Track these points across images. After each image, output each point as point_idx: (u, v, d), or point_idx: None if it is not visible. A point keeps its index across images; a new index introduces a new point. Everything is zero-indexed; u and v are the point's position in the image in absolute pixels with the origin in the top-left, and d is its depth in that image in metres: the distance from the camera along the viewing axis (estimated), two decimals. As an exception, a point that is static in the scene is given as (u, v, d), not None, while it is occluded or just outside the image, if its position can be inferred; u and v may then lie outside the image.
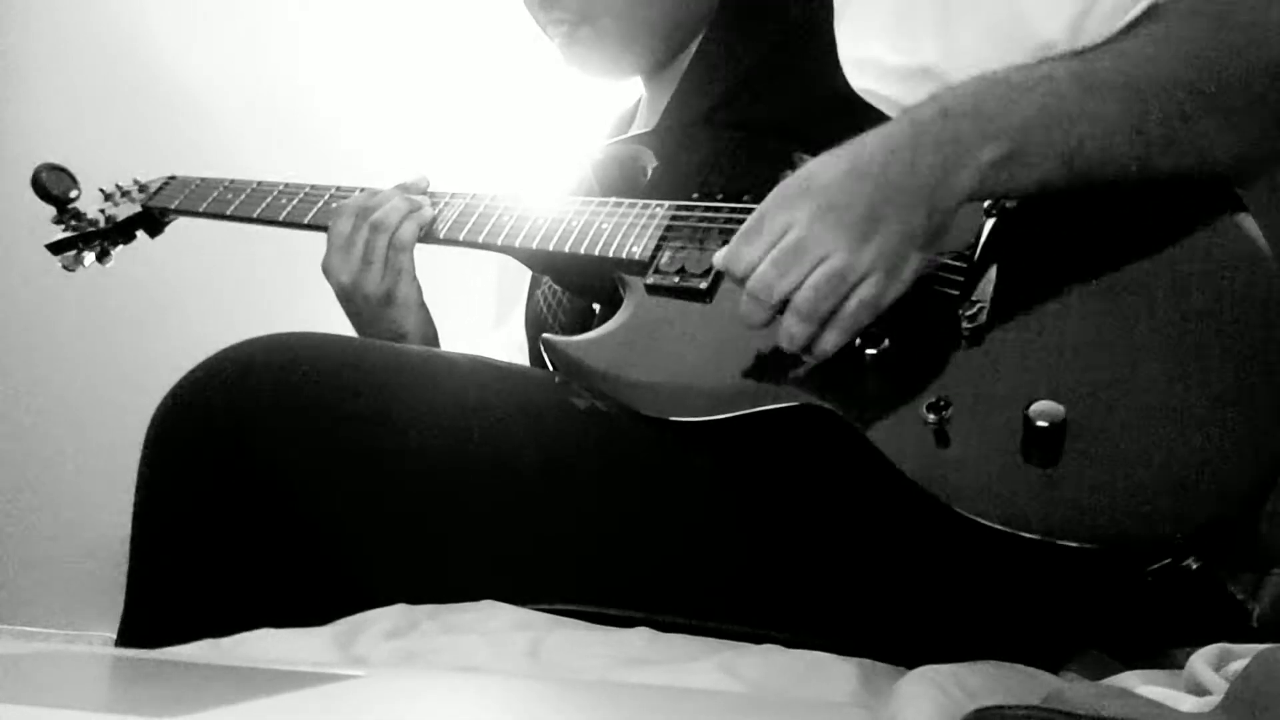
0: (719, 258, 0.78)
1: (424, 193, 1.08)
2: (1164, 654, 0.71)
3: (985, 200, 0.78)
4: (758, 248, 0.76)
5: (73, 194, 1.24)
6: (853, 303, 0.74)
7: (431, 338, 1.08)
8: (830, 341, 0.75)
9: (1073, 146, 0.75)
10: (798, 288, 0.74)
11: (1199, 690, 0.56)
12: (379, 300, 1.03)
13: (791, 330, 0.75)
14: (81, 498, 2.18)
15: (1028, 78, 0.77)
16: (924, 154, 0.74)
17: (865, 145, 0.76)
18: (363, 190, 1.08)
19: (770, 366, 0.79)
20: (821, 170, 0.76)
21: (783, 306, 0.75)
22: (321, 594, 0.76)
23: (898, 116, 0.78)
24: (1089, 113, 0.75)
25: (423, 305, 1.07)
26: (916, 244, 0.74)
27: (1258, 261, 0.75)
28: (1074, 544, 0.66)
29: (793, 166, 0.84)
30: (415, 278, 1.05)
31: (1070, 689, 0.54)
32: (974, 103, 0.76)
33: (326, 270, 1.06)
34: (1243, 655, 0.55)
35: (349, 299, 1.05)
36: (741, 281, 0.76)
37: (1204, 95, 0.77)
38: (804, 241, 0.74)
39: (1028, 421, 0.68)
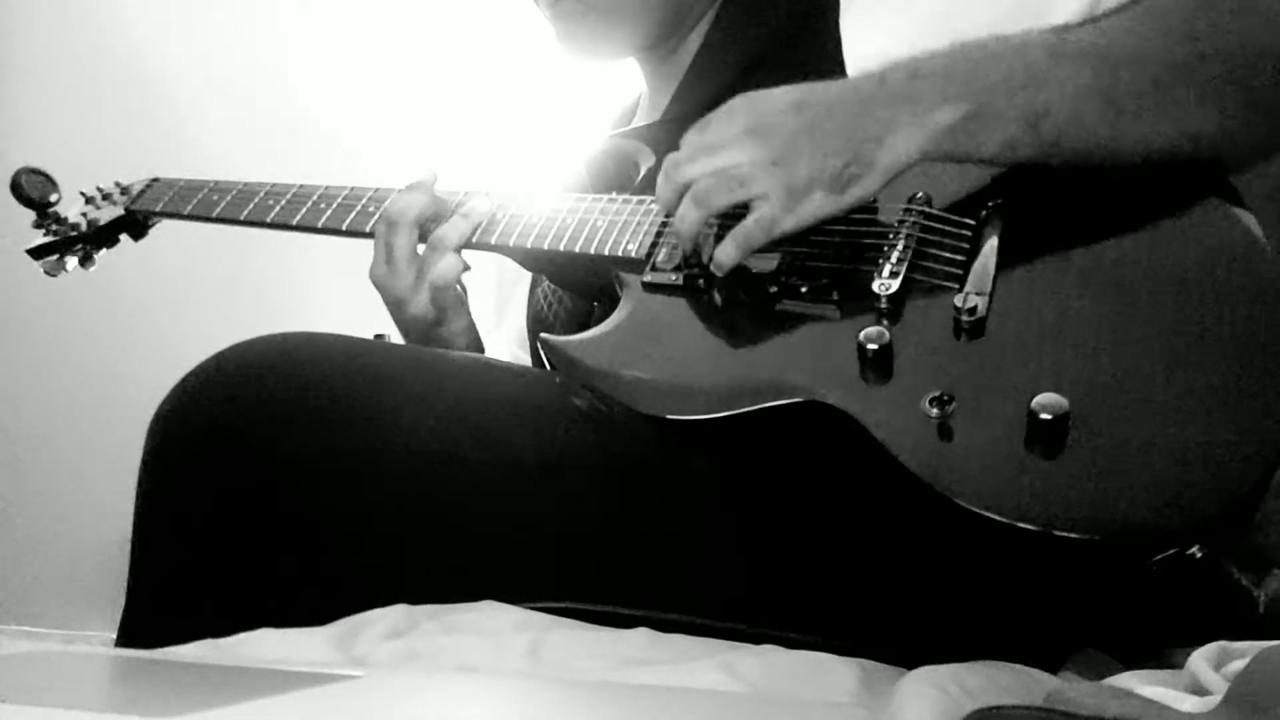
0: (670, 158, 0.84)
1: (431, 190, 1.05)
2: (1164, 654, 0.71)
3: (940, 160, 0.79)
4: (691, 141, 0.83)
5: (53, 198, 1.22)
6: (749, 220, 0.79)
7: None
8: (724, 251, 0.81)
9: (1038, 110, 0.76)
10: (699, 178, 0.80)
11: (1199, 690, 0.56)
12: (431, 320, 1.01)
13: (682, 211, 0.82)
14: (81, 498, 2.18)
15: (1004, 46, 0.79)
16: (875, 107, 0.77)
17: (826, 87, 0.81)
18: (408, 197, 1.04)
19: (771, 363, 0.79)
20: (771, 95, 0.81)
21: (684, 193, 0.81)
22: (321, 594, 0.76)
23: (870, 72, 0.80)
24: (1056, 78, 0.76)
25: (472, 329, 1.05)
26: (823, 184, 0.78)
27: (1256, 252, 0.76)
28: (1078, 536, 0.66)
29: None
30: (462, 296, 1.03)
31: (1070, 689, 0.54)
32: (945, 66, 0.78)
33: (376, 280, 1.03)
34: (1243, 655, 0.55)
35: (399, 311, 1.03)
36: (672, 175, 0.83)
37: (1181, 66, 0.77)
38: (723, 145, 0.80)
39: (1031, 414, 0.68)
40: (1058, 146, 0.77)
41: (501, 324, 1.28)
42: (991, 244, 0.79)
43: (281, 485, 0.78)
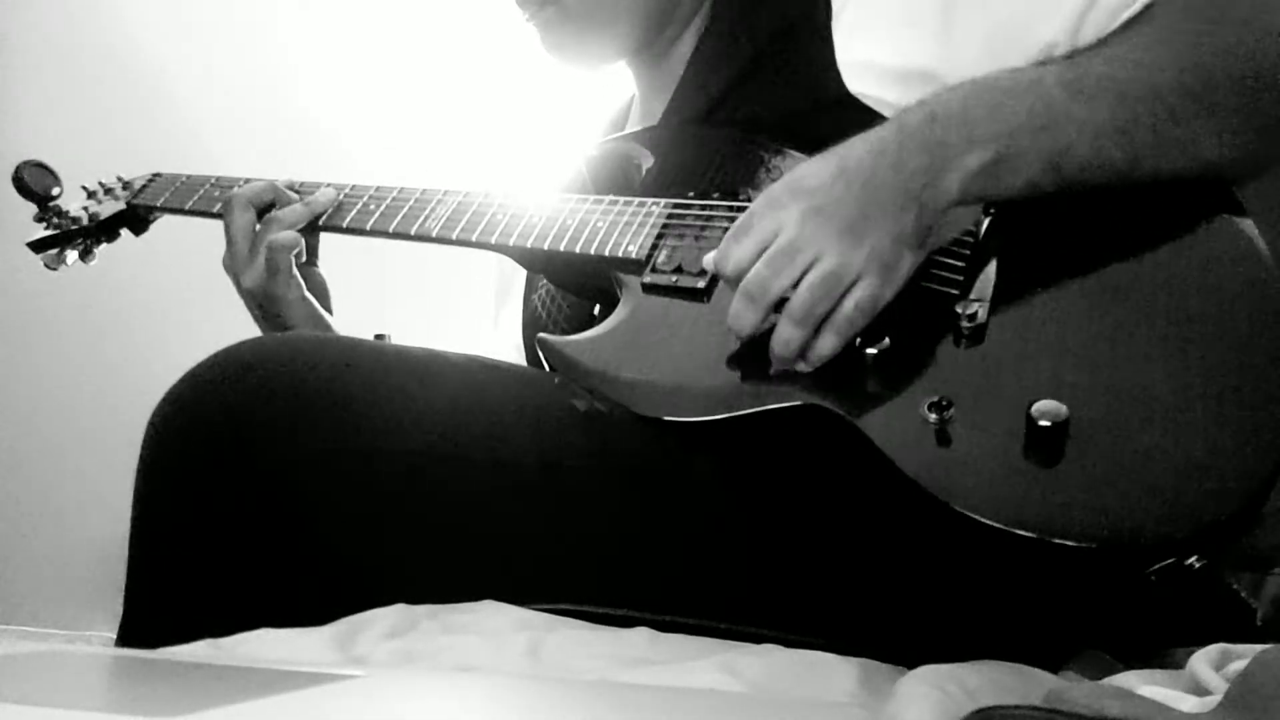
0: (709, 259, 0.79)
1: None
2: (1164, 654, 0.71)
3: (971, 204, 0.78)
4: (747, 248, 0.76)
5: (55, 191, 1.22)
6: (848, 305, 0.75)
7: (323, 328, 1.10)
8: (826, 346, 0.76)
9: (1059, 151, 0.76)
10: (792, 289, 0.74)
11: (1199, 690, 0.56)
12: (258, 294, 1.08)
13: (786, 335, 0.75)
14: (81, 498, 2.18)
15: (1016, 83, 0.78)
16: (910, 157, 0.75)
17: (852, 149, 0.77)
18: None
19: (770, 366, 0.79)
20: (809, 173, 0.77)
21: (776, 308, 0.76)
22: (321, 594, 0.76)
23: (886, 121, 0.79)
24: (1076, 118, 0.76)
25: (304, 302, 1.09)
26: (907, 244, 0.75)
27: (1255, 260, 0.76)
28: (1076, 544, 0.66)
29: (782, 166, 0.84)
30: (294, 277, 1.08)
31: (1070, 689, 0.54)
32: (962, 108, 0.77)
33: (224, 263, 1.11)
34: (1243, 655, 0.55)
35: (237, 287, 1.11)
36: (733, 282, 0.77)
37: (1193, 96, 0.77)
38: (795, 242, 0.75)
39: (1030, 421, 0.68)
40: (1077, 182, 0.77)
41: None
42: (993, 251, 0.79)
43: (280, 485, 0.78)
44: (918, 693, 0.58)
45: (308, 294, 1.09)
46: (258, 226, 1.08)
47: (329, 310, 1.13)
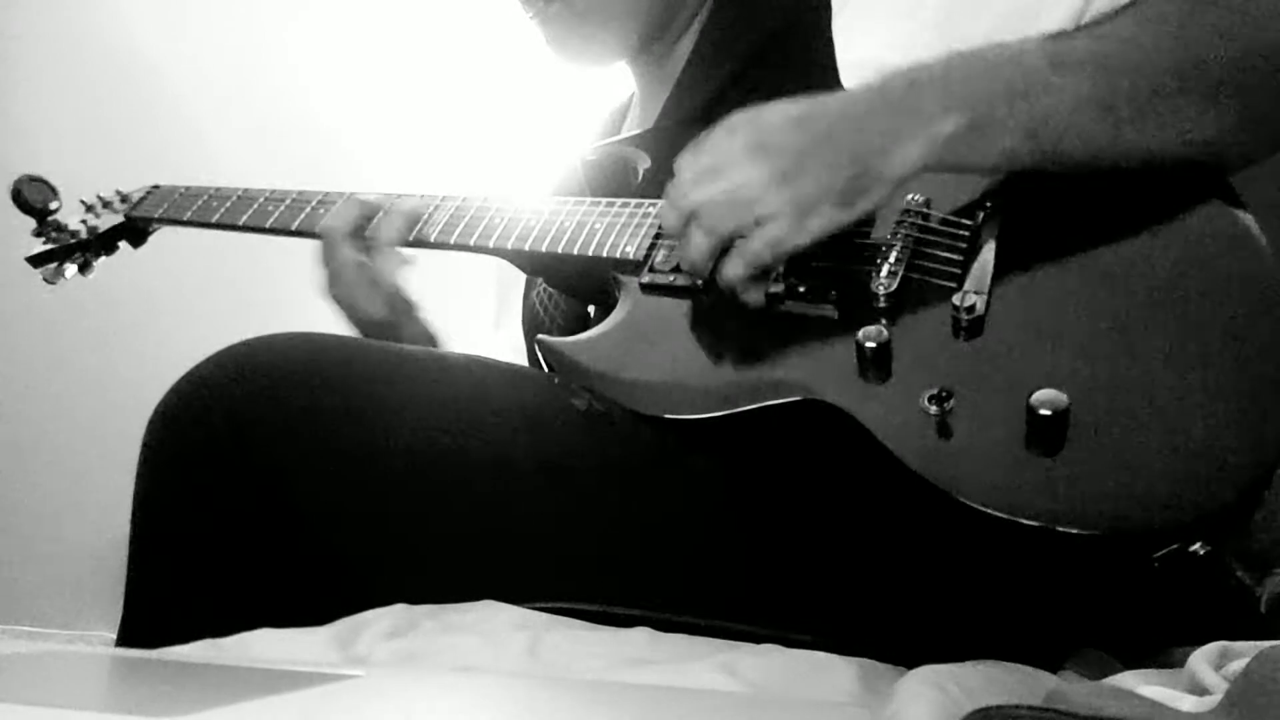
0: (670, 186, 0.83)
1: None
2: (1164, 654, 0.71)
3: (944, 171, 0.79)
4: (687, 165, 0.81)
5: (53, 205, 1.21)
6: (756, 238, 0.78)
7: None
8: (730, 269, 0.79)
9: (1038, 119, 0.76)
10: (707, 203, 0.78)
11: (1199, 690, 0.56)
12: (384, 326, 1.02)
13: (692, 239, 0.80)
14: (81, 498, 2.18)
15: (999, 53, 0.78)
16: (877, 119, 0.77)
17: (825, 101, 0.80)
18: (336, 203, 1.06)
19: (769, 362, 0.79)
20: (771, 111, 0.80)
21: (691, 219, 0.80)
22: (321, 594, 0.76)
23: (868, 82, 0.80)
24: (1055, 86, 0.76)
25: (426, 334, 1.06)
26: (831, 199, 0.77)
27: (1254, 250, 0.76)
28: (1080, 531, 0.66)
29: None
30: (407, 299, 1.04)
31: (1070, 689, 0.54)
32: (943, 74, 0.78)
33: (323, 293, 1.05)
34: (1243, 654, 0.55)
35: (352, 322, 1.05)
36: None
37: (1179, 73, 0.77)
38: (725, 166, 0.78)
39: (1030, 410, 0.68)
40: (1058, 155, 0.77)
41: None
42: (990, 243, 0.79)
43: (280, 485, 0.78)
44: (918, 693, 0.58)
45: (427, 327, 1.07)
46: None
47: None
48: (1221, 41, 0.78)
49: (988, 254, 0.78)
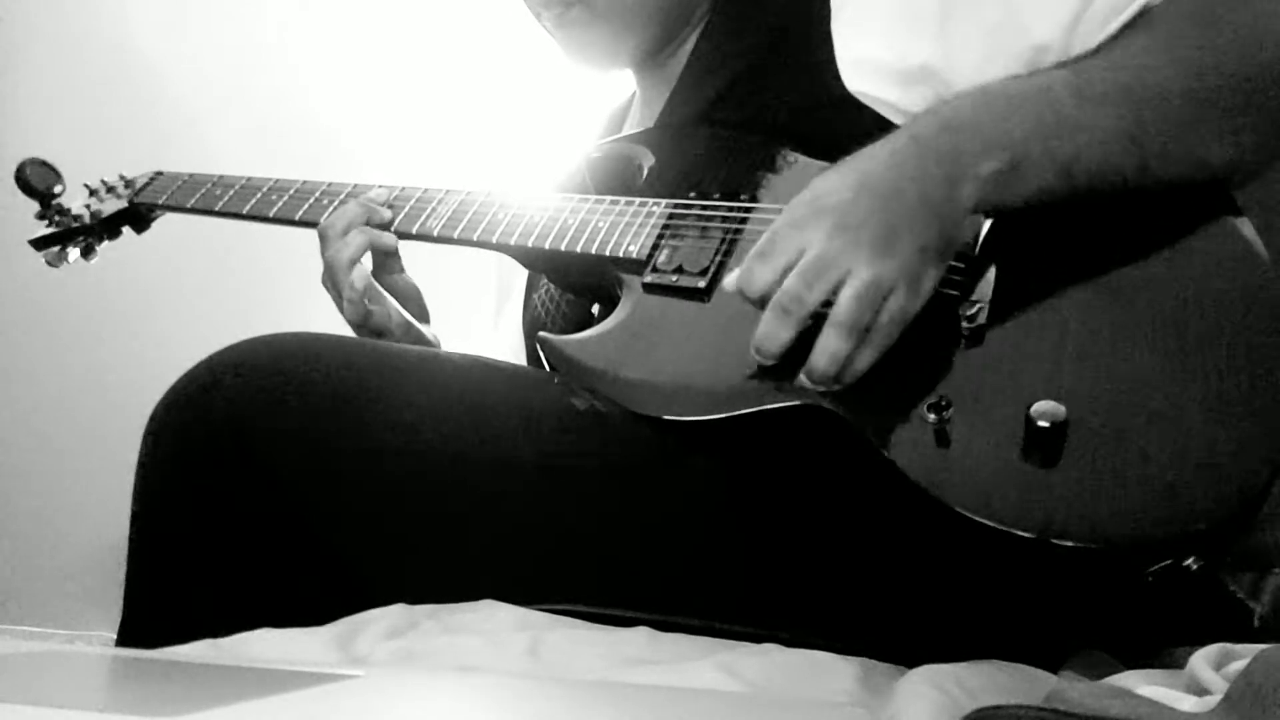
0: (731, 280, 0.78)
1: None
2: (1164, 654, 0.71)
3: (984, 212, 0.78)
4: (772, 268, 0.75)
5: (57, 189, 1.22)
6: (884, 318, 0.74)
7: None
8: (864, 360, 0.74)
9: (1070, 157, 0.76)
10: (824, 306, 0.74)
11: (1199, 690, 0.56)
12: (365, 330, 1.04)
13: (833, 348, 0.73)
14: (81, 498, 2.18)
15: (1025, 90, 0.78)
16: (928, 167, 0.75)
17: (870, 161, 0.77)
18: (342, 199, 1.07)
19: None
20: (830, 189, 0.76)
21: (810, 321, 0.75)
22: (321, 594, 0.76)
23: (897, 131, 0.79)
24: (1086, 124, 0.76)
25: (406, 326, 1.06)
26: (932, 256, 0.75)
27: (1254, 262, 0.76)
28: (1074, 544, 0.66)
29: (783, 166, 0.84)
30: (381, 300, 1.04)
31: (1070, 689, 0.54)
32: (973, 116, 0.77)
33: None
34: (1243, 655, 0.55)
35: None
36: (760, 303, 0.76)
37: (1198, 99, 0.77)
38: (824, 257, 0.74)
39: (1029, 421, 0.68)
40: (1087, 189, 0.77)
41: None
42: (993, 254, 0.79)
43: (280, 485, 0.78)
44: (918, 693, 0.58)
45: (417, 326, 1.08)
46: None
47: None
48: (1231, 59, 0.78)
49: (990, 265, 0.78)
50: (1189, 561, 0.67)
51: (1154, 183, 0.78)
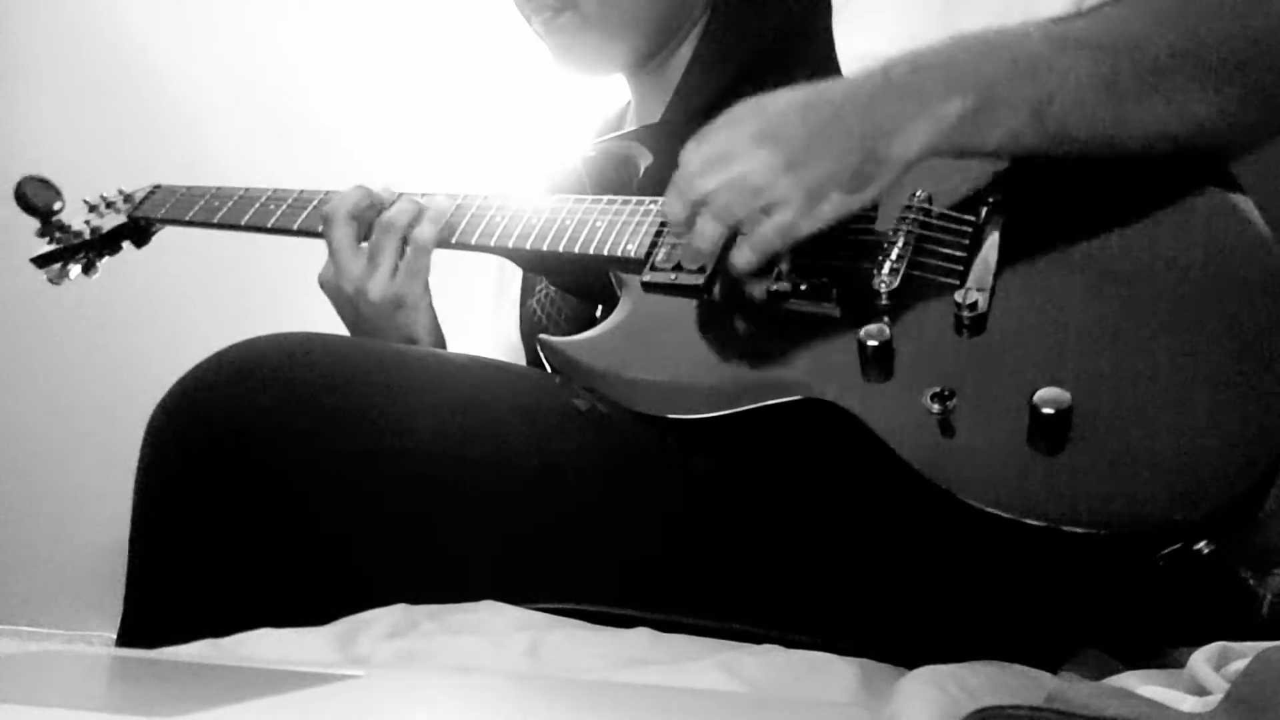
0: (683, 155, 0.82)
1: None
2: (1164, 654, 0.71)
3: (951, 156, 0.78)
4: (697, 154, 0.80)
5: (56, 206, 1.22)
6: (766, 225, 0.77)
7: (440, 342, 1.06)
8: (742, 257, 0.79)
9: (1041, 99, 0.76)
10: (715, 191, 0.78)
11: (1199, 690, 0.56)
12: (389, 304, 1.00)
13: (701, 227, 0.79)
14: (81, 498, 2.18)
15: (1002, 37, 0.78)
16: (882, 102, 0.77)
17: (829, 87, 0.79)
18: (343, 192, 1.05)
19: (771, 361, 0.79)
20: (776, 99, 0.79)
21: (699, 208, 0.79)
22: (321, 594, 0.76)
23: (874, 67, 0.79)
24: (1059, 67, 0.76)
25: (431, 309, 1.04)
26: (840, 184, 0.76)
27: (1258, 243, 0.76)
28: (1083, 530, 0.66)
29: None
30: (427, 281, 1.02)
31: (1070, 689, 0.54)
32: (947, 57, 0.77)
33: (325, 281, 1.03)
34: (1243, 655, 0.55)
35: (353, 305, 1.01)
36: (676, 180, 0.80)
37: (1179, 52, 0.77)
38: (734, 154, 0.77)
39: (1033, 409, 0.68)
40: (1061, 135, 0.77)
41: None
42: (992, 240, 0.79)
43: (281, 485, 0.78)
44: (918, 693, 0.58)
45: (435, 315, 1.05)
46: (373, 233, 1.01)
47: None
48: (1219, 20, 0.78)
49: (990, 251, 0.78)
50: (1200, 545, 0.67)
51: (1134, 134, 0.77)
